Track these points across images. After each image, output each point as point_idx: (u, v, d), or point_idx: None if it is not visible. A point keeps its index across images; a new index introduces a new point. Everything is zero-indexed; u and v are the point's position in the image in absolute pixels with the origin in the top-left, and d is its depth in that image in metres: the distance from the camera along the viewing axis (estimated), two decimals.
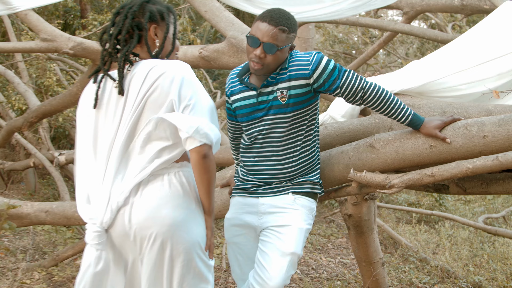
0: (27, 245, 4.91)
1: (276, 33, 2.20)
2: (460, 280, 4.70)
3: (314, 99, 2.37)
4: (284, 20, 2.23)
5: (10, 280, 3.90)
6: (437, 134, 2.35)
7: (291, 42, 2.30)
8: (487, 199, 8.86)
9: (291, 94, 2.30)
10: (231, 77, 2.53)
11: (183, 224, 1.92)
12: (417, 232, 6.64)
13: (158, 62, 1.95)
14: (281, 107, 2.31)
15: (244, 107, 2.40)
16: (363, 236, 3.86)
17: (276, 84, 2.32)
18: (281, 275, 2.29)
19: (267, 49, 2.21)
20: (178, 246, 1.90)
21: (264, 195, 2.42)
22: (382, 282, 4.02)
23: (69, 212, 3.58)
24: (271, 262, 2.30)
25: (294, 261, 2.34)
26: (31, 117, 4.54)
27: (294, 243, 2.32)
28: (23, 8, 3.82)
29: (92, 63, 3.90)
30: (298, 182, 2.41)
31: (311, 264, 5.23)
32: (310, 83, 2.29)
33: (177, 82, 1.88)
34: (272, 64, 2.27)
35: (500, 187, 2.75)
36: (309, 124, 2.40)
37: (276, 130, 2.36)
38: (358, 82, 2.30)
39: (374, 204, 3.86)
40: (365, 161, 2.53)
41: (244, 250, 2.50)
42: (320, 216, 7.27)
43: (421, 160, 2.45)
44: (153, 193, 1.92)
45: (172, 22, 2.05)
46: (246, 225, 2.46)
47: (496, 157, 2.23)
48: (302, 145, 2.39)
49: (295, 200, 2.39)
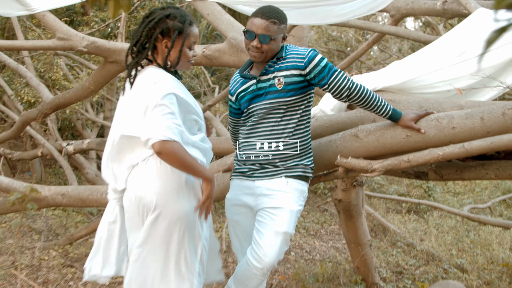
0: (41, 227, 5.26)
1: (268, 25, 2.55)
2: (444, 262, 5.07)
3: (307, 88, 2.66)
4: (274, 14, 2.58)
5: (29, 257, 4.25)
6: (413, 125, 2.69)
7: (283, 32, 2.62)
8: (475, 191, 9.20)
9: (287, 82, 2.60)
10: (234, 77, 2.87)
11: (170, 194, 2.31)
12: (406, 221, 7.01)
13: (148, 73, 2.34)
14: (277, 93, 2.61)
15: (246, 95, 2.71)
16: (352, 220, 4.21)
17: (274, 73, 2.63)
18: (275, 252, 2.58)
19: (262, 40, 2.55)
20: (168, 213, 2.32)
21: (259, 179, 2.69)
22: (369, 262, 4.37)
23: (84, 195, 3.92)
24: (266, 240, 2.59)
25: (287, 239, 2.63)
26: (46, 109, 4.86)
27: (286, 223, 2.59)
28: (40, 9, 4.13)
29: (104, 60, 4.21)
30: (290, 166, 2.67)
31: (305, 247, 5.59)
32: (304, 74, 2.60)
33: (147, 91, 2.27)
34: (269, 52, 2.60)
35: (472, 174, 3.11)
36: (303, 113, 2.69)
37: (272, 113, 2.64)
38: (345, 82, 2.62)
39: (362, 190, 4.21)
40: (350, 149, 2.87)
41: (243, 227, 2.80)
42: (314, 205, 7.63)
43: (399, 148, 2.79)
44: (141, 173, 2.34)
45: (184, 37, 2.38)
46: (244, 205, 2.75)
47: (463, 145, 2.57)
48: (295, 130, 2.66)
49: (287, 183, 2.65)
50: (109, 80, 4.45)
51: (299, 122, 2.68)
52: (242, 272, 2.67)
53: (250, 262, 2.61)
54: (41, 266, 4.11)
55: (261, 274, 2.61)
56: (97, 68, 4.42)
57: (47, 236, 5.10)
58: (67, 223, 5.65)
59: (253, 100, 2.69)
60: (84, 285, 3.80)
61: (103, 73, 4.28)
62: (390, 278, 4.54)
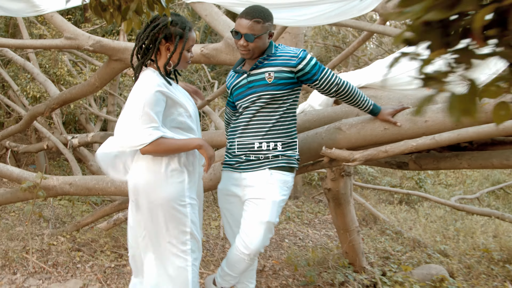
0: (49, 216, 5.56)
1: (252, 24, 2.78)
2: (428, 249, 5.37)
3: (295, 85, 2.88)
4: (257, 13, 2.80)
5: (39, 243, 4.54)
6: (390, 119, 2.98)
7: (268, 29, 2.84)
8: (466, 183, 9.51)
9: (277, 77, 2.82)
10: (229, 74, 3.13)
11: (153, 184, 2.64)
12: (397, 211, 7.31)
13: (141, 77, 2.64)
14: (267, 86, 2.83)
15: (239, 88, 2.95)
16: (341, 207, 4.50)
17: (265, 68, 2.86)
18: (259, 240, 2.82)
19: (247, 38, 2.79)
20: (151, 200, 2.66)
21: (245, 171, 2.92)
22: (357, 247, 4.66)
23: (90, 184, 4.21)
24: (251, 229, 2.83)
25: (270, 227, 2.86)
26: (53, 103, 5.15)
27: (268, 213, 2.81)
28: (49, 10, 4.42)
29: (108, 58, 4.49)
30: (273, 156, 2.88)
31: (298, 235, 5.89)
32: (294, 71, 2.82)
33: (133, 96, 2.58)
34: (255, 49, 2.84)
35: (448, 163, 3.40)
36: (287, 109, 2.90)
37: (259, 103, 2.86)
38: (334, 79, 2.88)
39: (350, 180, 4.50)
40: (334, 140, 3.17)
41: (233, 215, 3.06)
42: (309, 196, 7.93)
43: (378, 140, 3.08)
44: (136, 160, 2.69)
45: (184, 41, 2.67)
46: (234, 195, 3.00)
47: (433, 137, 2.86)
48: (278, 120, 2.87)
49: (271, 175, 2.85)
50: (114, 77, 4.73)
51: (284, 114, 2.88)
52: (232, 256, 2.93)
53: (238, 248, 2.87)
54: (50, 250, 4.41)
55: (249, 259, 2.87)
56: (102, 65, 4.70)
57: (54, 224, 5.40)
58: (73, 212, 5.95)
59: (245, 92, 2.92)
60: (91, 268, 4.09)
61: (107, 70, 4.56)
62: (377, 262, 4.84)
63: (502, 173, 9.73)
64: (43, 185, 4.27)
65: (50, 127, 8.13)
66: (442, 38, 0.93)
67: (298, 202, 7.71)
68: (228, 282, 3.09)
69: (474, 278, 4.46)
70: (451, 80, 0.96)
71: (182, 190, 2.68)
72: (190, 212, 2.71)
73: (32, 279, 3.78)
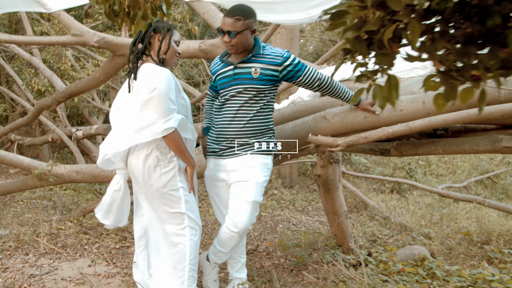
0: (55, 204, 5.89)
1: (233, 22, 3.07)
2: (414, 232, 5.69)
3: (276, 82, 3.20)
4: (238, 12, 3.09)
5: (48, 227, 4.87)
6: (369, 108, 3.29)
7: (249, 26, 3.10)
8: (456, 173, 9.83)
9: (262, 73, 3.13)
10: (215, 61, 3.41)
11: (149, 173, 2.96)
12: (388, 200, 7.64)
13: (145, 69, 2.93)
14: (252, 80, 3.13)
15: (225, 77, 3.24)
16: (330, 193, 4.81)
17: (252, 63, 3.15)
18: (247, 218, 3.16)
19: (230, 35, 3.08)
20: (148, 187, 3.00)
21: (229, 157, 3.23)
22: (346, 230, 4.97)
23: (96, 172, 4.52)
24: (239, 209, 3.16)
25: (256, 206, 3.20)
26: (59, 97, 5.46)
27: (253, 193, 3.15)
28: (56, 9, 4.71)
29: (112, 54, 4.80)
30: (253, 143, 3.19)
31: (292, 221, 6.22)
32: (279, 70, 3.14)
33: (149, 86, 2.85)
34: (238, 44, 3.11)
35: (425, 150, 3.72)
36: (267, 102, 3.22)
37: (243, 95, 3.16)
38: (315, 74, 3.21)
39: (338, 167, 4.81)
40: (320, 128, 3.48)
41: (221, 198, 3.39)
42: (304, 186, 8.26)
43: (359, 127, 3.40)
44: (137, 149, 2.99)
45: (170, 32, 2.99)
46: (220, 179, 3.32)
47: (407, 124, 3.18)
48: (258, 111, 3.17)
49: (252, 159, 3.18)
50: (117, 71, 5.04)
51: (264, 106, 3.20)
52: (223, 235, 3.27)
53: (228, 227, 3.21)
54: (59, 234, 4.73)
55: (238, 236, 3.22)
56: (106, 60, 5.01)
57: (61, 211, 5.72)
58: (78, 200, 6.28)
59: (230, 83, 3.21)
60: (98, 249, 4.41)
61: (111, 65, 4.87)
62: (364, 245, 5.16)
63: (490, 163, 10.07)
64: (52, 173, 4.58)
65: (55, 120, 8.45)
66: (367, 47, 1.25)
67: (293, 191, 8.05)
68: (220, 258, 3.42)
69: (454, 258, 4.79)
70: (377, 76, 1.28)
71: (174, 176, 3.01)
72: (183, 194, 3.04)
73: (44, 258, 4.10)
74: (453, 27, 1.24)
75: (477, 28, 1.22)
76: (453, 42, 1.24)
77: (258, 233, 5.58)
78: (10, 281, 3.52)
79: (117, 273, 3.79)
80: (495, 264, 4.69)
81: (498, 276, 3.98)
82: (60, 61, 8.21)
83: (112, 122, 3.12)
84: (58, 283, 3.52)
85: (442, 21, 1.24)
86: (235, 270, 3.55)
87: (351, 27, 1.20)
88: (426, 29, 1.22)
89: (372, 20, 1.21)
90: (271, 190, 7.74)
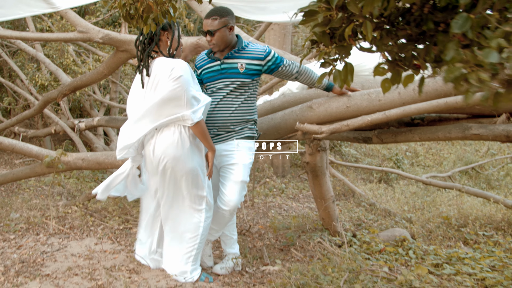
0: (60, 191, 6.25)
1: (210, 22, 3.46)
2: (397, 217, 6.08)
3: (259, 75, 3.58)
4: (214, 12, 3.47)
5: (55, 212, 5.22)
6: (342, 91, 3.69)
7: (226, 23, 3.46)
8: (442, 164, 10.22)
9: (248, 68, 3.52)
10: (200, 56, 3.77)
11: (180, 158, 3.28)
12: (375, 189, 8.02)
13: (161, 63, 3.25)
14: (238, 74, 3.52)
15: (211, 72, 3.60)
16: (318, 179, 5.18)
17: (238, 59, 3.53)
18: (236, 197, 3.55)
19: (209, 34, 3.47)
20: (177, 170, 3.31)
21: (217, 143, 3.60)
22: (332, 214, 5.35)
23: (100, 159, 4.87)
24: (229, 189, 3.55)
25: (244, 186, 3.59)
26: (65, 90, 5.80)
27: (241, 174, 3.55)
28: (63, 7, 5.03)
29: (116, 49, 5.15)
30: (239, 130, 3.57)
31: (283, 207, 6.60)
32: (262, 64, 3.54)
33: (173, 75, 3.17)
34: (219, 41, 3.48)
35: (403, 137, 4.08)
36: (253, 92, 3.62)
37: (229, 87, 3.53)
38: (293, 65, 3.62)
39: (325, 155, 5.18)
40: (306, 117, 3.85)
41: (212, 180, 3.69)
42: (296, 176, 8.64)
43: (341, 116, 3.77)
44: (165, 137, 3.29)
45: (176, 29, 3.36)
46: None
47: (384, 113, 3.55)
48: (243, 102, 3.55)
49: (238, 144, 3.58)
50: (120, 65, 5.38)
51: (247, 98, 3.58)
52: (215, 214, 3.65)
53: (219, 206, 3.61)
54: (66, 217, 5.09)
55: (229, 214, 3.62)
56: (110, 55, 5.35)
57: (66, 198, 6.08)
58: (82, 188, 6.64)
59: (217, 77, 3.57)
60: (103, 230, 4.77)
61: (115, 60, 5.22)
62: (350, 228, 5.54)
63: (476, 155, 10.47)
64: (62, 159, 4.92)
65: (57, 113, 8.79)
66: (330, 40, 1.62)
67: (285, 179, 8.44)
68: (213, 235, 3.80)
69: (433, 240, 5.17)
70: (336, 63, 1.65)
71: (202, 161, 3.38)
72: (205, 178, 3.40)
73: (53, 238, 4.45)
74: (397, 28, 1.61)
75: (414, 31, 1.58)
76: (396, 39, 1.61)
77: (251, 217, 5.95)
78: (25, 256, 3.88)
79: (121, 249, 4.15)
80: (470, 245, 5.08)
81: (470, 254, 4.37)
82: (62, 56, 8.55)
83: (129, 116, 3.41)
84: (68, 258, 3.87)
85: (389, 23, 1.60)
86: (228, 246, 3.92)
87: (319, 24, 1.57)
88: (376, 27, 1.58)
89: (336, 19, 1.57)
90: (263, 178, 8.12)
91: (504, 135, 3.40)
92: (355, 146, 10.53)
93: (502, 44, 1.23)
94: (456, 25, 1.32)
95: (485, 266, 3.96)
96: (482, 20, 1.29)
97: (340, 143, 10.18)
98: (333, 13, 1.61)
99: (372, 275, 3.50)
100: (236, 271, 3.82)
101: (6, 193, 6.34)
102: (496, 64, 1.25)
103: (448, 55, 1.37)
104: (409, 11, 1.63)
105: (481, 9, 1.28)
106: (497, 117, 3.55)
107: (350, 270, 3.51)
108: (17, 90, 8.87)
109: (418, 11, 1.58)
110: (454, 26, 1.32)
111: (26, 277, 3.42)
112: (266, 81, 8.67)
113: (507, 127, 3.39)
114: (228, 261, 3.83)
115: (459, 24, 1.31)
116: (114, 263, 3.76)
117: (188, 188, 3.37)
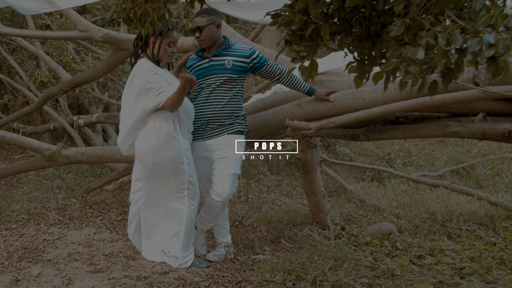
0: (60, 184, 6.46)
1: (198, 19, 3.74)
2: (385, 212, 6.30)
3: (245, 73, 3.83)
4: (202, 11, 3.74)
5: (55, 204, 5.43)
6: (325, 98, 3.91)
7: (213, 21, 3.73)
8: (435, 164, 10.44)
9: (234, 64, 3.77)
10: (191, 57, 4.00)
11: (158, 148, 3.52)
12: (368, 187, 8.23)
13: (136, 65, 3.56)
14: (225, 70, 3.76)
15: (201, 69, 3.84)
16: (309, 174, 5.39)
17: (225, 56, 3.78)
18: (228, 188, 3.77)
19: (198, 30, 3.73)
20: (157, 161, 3.56)
21: (209, 138, 3.83)
22: (323, 209, 5.55)
23: (99, 153, 5.07)
24: (221, 181, 3.77)
25: (235, 178, 3.82)
26: (65, 86, 6.00)
27: (233, 167, 3.78)
28: (65, 6, 5.24)
29: (115, 48, 5.35)
30: (228, 124, 3.79)
31: (277, 202, 6.82)
32: (247, 62, 3.79)
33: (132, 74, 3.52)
34: (207, 37, 3.74)
35: (388, 135, 4.27)
36: (240, 88, 3.86)
37: (217, 83, 3.76)
38: (276, 67, 3.86)
39: (316, 151, 5.39)
40: (296, 114, 4.06)
41: (205, 174, 3.98)
42: (290, 173, 8.85)
43: (328, 114, 3.98)
44: (144, 131, 3.57)
45: (163, 37, 3.59)
46: (203, 158, 3.91)
47: (367, 110, 3.76)
48: (232, 97, 3.79)
49: (229, 139, 3.80)
50: (119, 63, 5.59)
51: (235, 94, 3.82)
52: (208, 205, 3.87)
53: (212, 198, 3.81)
54: (66, 209, 5.29)
55: (221, 205, 3.83)
56: (109, 54, 5.56)
57: (66, 191, 6.28)
58: (81, 182, 6.84)
59: (206, 73, 3.81)
60: (101, 220, 4.97)
61: (114, 58, 5.42)
62: (340, 222, 5.75)
63: (467, 155, 10.71)
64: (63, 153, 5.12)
65: (57, 109, 8.98)
66: (299, 39, 1.83)
67: (279, 177, 8.65)
68: (206, 226, 4.02)
69: (418, 234, 5.39)
70: (304, 60, 1.87)
71: (180, 151, 3.58)
72: (187, 168, 3.62)
73: (54, 228, 4.65)
74: (354, 29, 1.84)
75: (365, 31, 1.81)
76: (352, 39, 1.83)
77: (244, 211, 6.16)
78: (27, 243, 4.08)
79: (119, 238, 4.35)
80: (453, 238, 5.30)
81: (452, 247, 4.58)
82: (62, 54, 8.74)
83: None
84: (69, 246, 4.08)
85: (346, 23, 1.83)
86: (220, 236, 4.13)
87: (283, 24, 1.80)
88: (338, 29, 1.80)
89: (296, 21, 1.80)
90: (258, 175, 8.33)
91: (480, 133, 3.61)
92: (349, 146, 10.76)
93: (431, 42, 1.47)
94: (393, 30, 1.56)
95: (465, 257, 4.17)
96: (417, 23, 1.53)
97: (335, 142, 10.40)
98: (295, 16, 1.84)
99: (356, 264, 3.71)
100: (228, 259, 4.03)
101: (6, 187, 6.53)
102: (426, 59, 1.49)
103: (388, 53, 1.60)
104: (363, 14, 1.86)
105: (412, 14, 1.52)
106: (472, 116, 3.76)
107: (335, 258, 3.72)
108: (17, 87, 9.05)
109: (369, 13, 1.81)
110: (391, 30, 1.57)
111: (29, 261, 3.63)
112: (262, 80, 8.89)
113: (483, 125, 3.60)
114: (220, 249, 4.04)
115: (395, 28, 1.56)
116: (112, 250, 3.96)
117: (167, 177, 3.59)
